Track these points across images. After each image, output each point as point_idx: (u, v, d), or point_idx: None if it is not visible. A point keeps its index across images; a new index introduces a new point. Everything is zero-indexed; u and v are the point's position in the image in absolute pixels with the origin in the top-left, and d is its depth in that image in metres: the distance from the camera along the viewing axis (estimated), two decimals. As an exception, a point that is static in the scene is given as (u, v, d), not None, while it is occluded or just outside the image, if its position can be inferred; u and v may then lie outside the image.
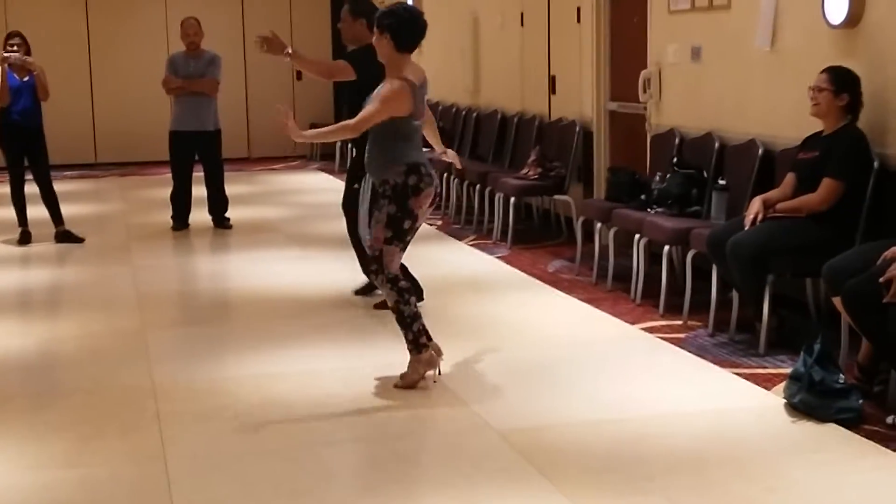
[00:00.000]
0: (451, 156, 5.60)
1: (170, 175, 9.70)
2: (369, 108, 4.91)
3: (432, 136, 5.47)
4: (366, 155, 5.12)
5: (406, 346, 5.03)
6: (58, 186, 9.24)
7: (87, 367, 5.60)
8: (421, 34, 5.02)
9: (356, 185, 6.06)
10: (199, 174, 9.60)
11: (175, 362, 5.64)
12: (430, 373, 5.02)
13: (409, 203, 4.94)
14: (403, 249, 5.07)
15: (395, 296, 4.95)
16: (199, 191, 9.64)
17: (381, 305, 6.17)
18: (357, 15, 6.42)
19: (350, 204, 6.33)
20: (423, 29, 5.02)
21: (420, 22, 5.00)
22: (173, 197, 9.63)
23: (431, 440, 4.53)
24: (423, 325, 5.00)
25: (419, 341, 4.99)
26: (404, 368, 5.17)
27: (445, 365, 5.17)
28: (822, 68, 5.51)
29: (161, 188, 10.81)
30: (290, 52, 6.17)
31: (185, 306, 7.21)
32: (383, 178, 4.97)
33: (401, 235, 4.97)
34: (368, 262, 5.08)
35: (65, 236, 9.00)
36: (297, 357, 5.66)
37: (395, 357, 5.39)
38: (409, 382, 4.99)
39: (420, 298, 6.00)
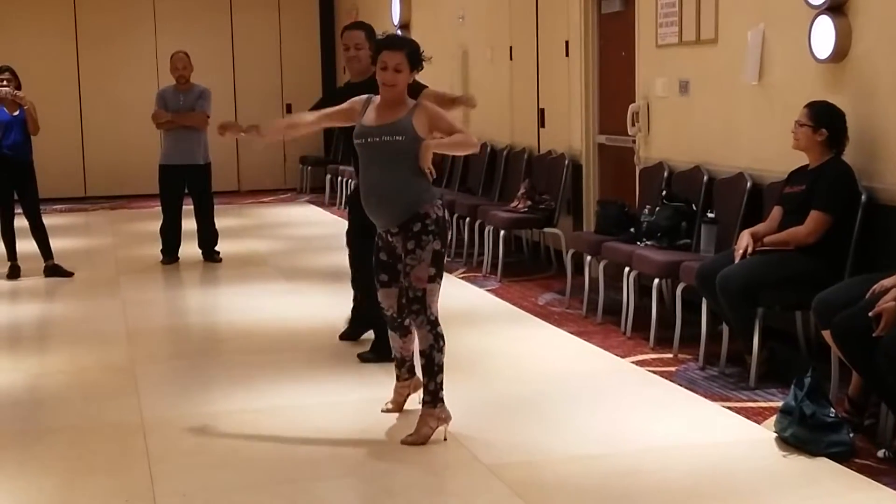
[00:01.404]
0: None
1: (159, 208, 9.70)
2: (454, 124, 4.84)
3: None
4: (385, 198, 4.77)
5: (423, 396, 4.78)
6: (47, 220, 9.23)
7: (76, 403, 5.58)
8: None
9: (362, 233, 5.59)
10: (188, 207, 9.60)
11: (164, 397, 5.62)
12: (441, 428, 4.76)
13: (447, 237, 4.83)
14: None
15: (432, 340, 4.72)
16: (189, 224, 9.63)
17: (366, 358, 6.04)
18: (371, 42, 5.81)
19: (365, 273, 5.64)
20: None
21: None
22: (163, 230, 9.62)
23: (421, 475, 4.50)
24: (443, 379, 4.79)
25: (439, 394, 4.75)
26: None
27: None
28: (808, 102, 5.55)
29: (151, 222, 10.80)
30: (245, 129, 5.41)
31: (175, 341, 7.18)
32: (425, 211, 4.70)
33: (442, 272, 4.77)
34: (409, 302, 4.73)
35: (54, 270, 8.98)
36: (286, 391, 5.64)
37: (385, 391, 5.37)
38: (422, 437, 4.71)
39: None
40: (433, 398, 4.75)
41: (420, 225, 4.70)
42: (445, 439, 4.75)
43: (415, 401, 5.04)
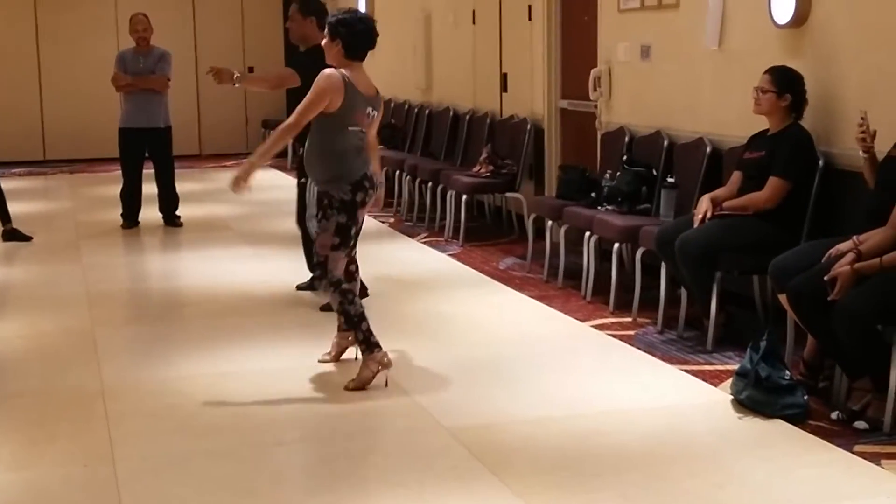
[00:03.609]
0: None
1: (119, 172, 9.62)
2: (304, 100, 4.97)
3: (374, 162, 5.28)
4: (305, 162, 5.22)
5: (358, 346, 5.05)
6: (5, 184, 9.13)
7: (36, 368, 5.55)
8: (372, 44, 5.09)
9: (303, 180, 6.27)
10: (149, 171, 9.53)
11: (125, 362, 5.61)
12: (382, 374, 4.99)
13: (357, 213, 5.04)
14: (349, 253, 5.15)
15: (340, 297, 5.00)
16: (150, 188, 9.57)
17: (327, 308, 6.11)
18: (307, 14, 6.44)
19: (303, 211, 6.46)
20: (375, 39, 5.09)
21: (373, 33, 5.07)
22: (123, 194, 9.55)
23: (382, 439, 4.53)
24: (369, 326, 5.02)
25: (370, 340, 5.00)
26: (355, 364, 5.19)
27: (396, 362, 5.18)
28: (768, 67, 5.58)
29: (111, 185, 10.72)
30: (237, 75, 6.10)
31: (135, 305, 7.16)
32: (329, 192, 5.01)
33: (346, 242, 5.04)
34: (315, 266, 5.10)
35: (12, 235, 8.89)
36: (248, 356, 5.64)
37: (348, 355, 5.39)
38: (361, 382, 4.96)
39: (363, 295, 6.00)
40: (366, 345, 4.99)
41: (327, 200, 5.02)
42: (386, 385, 4.95)
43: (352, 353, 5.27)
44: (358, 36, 5.03)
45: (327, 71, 4.98)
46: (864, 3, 5.37)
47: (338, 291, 5.00)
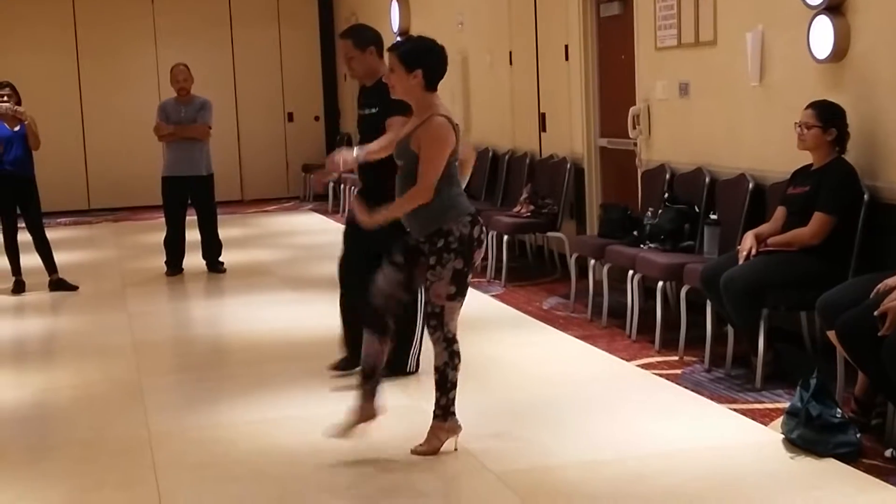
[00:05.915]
0: None
1: (163, 220, 9.71)
2: (426, 159, 4.54)
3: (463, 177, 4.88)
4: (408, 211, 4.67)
5: (434, 409, 4.71)
6: (51, 234, 9.24)
7: (83, 418, 5.58)
8: (446, 68, 4.75)
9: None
10: (192, 218, 9.61)
11: (171, 410, 5.63)
12: (451, 440, 4.73)
13: (474, 255, 4.63)
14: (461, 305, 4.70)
15: (447, 357, 4.63)
16: (193, 235, 9.64)
17: (337, 367, 5.96)
18: (365, 45, 5.84)
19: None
20: (447, 63, 4.75)
21: (446, 55, 4.74)
22: (167, 242, 9.64)
23: (429, 484, 4.50)
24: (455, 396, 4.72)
25: (450, 409, 4.70)
26: (401, 411, 5.16)
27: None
28: (808, 102, 5.55)
29: (155, 233, 10.81)
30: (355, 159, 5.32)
31: (181, 353, 7.19)
32: (448, 227, 4.55)
33: (463, 290, 4.63)
34: (427, 317, 4.64)
35: (59, 284, 8.99)
36: (294, 402, 5.64)
37: (394, 400, 5.37)
38: (432, 449, 4.69)
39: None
40: (444, 412, 4.70)
41: (443, 241, 4.56)
42: (456, 449, 4.73)
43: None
44: (440, 63, 4.68)
45: (441, 121, 4.60)
46: (905, 36, 5.34)
47: (448, 350, 4.62)
